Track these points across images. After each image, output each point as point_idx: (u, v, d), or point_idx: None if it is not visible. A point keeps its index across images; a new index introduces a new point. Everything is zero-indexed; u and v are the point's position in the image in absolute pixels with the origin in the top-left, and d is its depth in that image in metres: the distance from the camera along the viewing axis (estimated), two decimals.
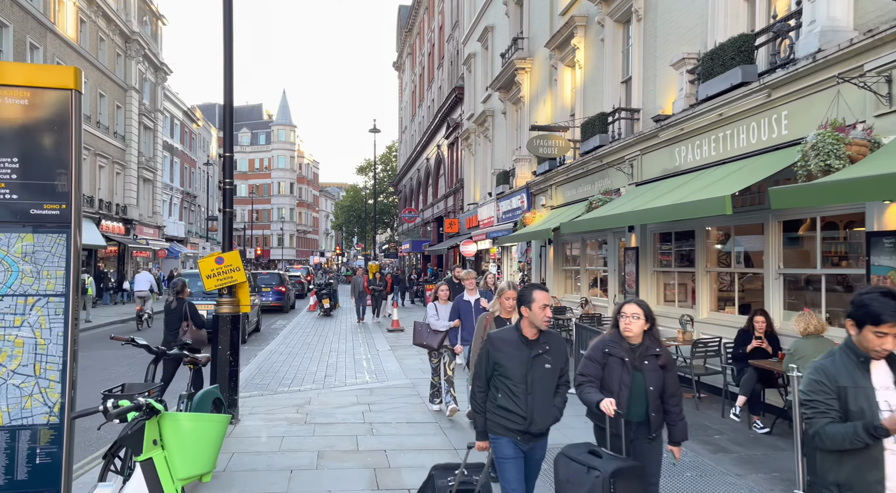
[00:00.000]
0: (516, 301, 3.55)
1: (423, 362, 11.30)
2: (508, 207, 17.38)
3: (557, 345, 3.51)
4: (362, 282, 18.88)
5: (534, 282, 10.65)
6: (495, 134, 21.07)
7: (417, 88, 42.73)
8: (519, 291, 3.59)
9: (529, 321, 3.38)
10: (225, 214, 6.74)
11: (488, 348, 3.43)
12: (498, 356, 3.37)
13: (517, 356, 3.35)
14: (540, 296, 3.39)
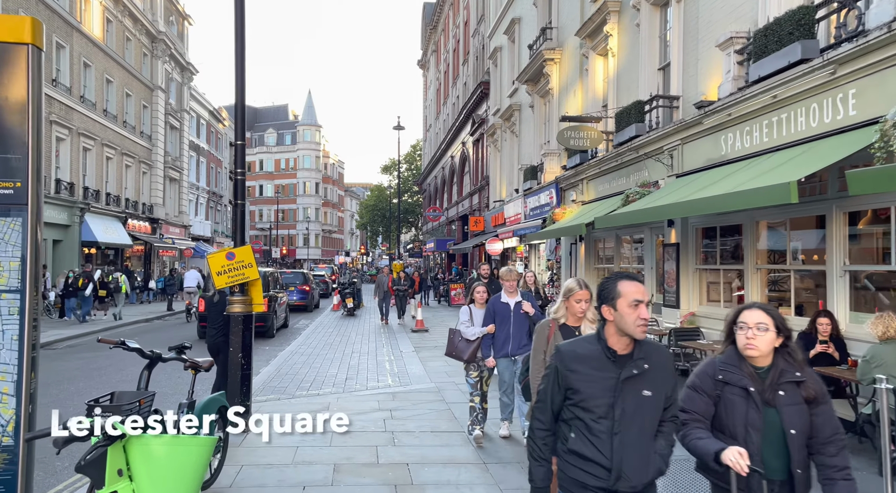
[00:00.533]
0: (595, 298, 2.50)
1: (448, 365, 10.76)
2: (536, 203, 16.74)
3: (661, 362, 2.42)
4: (386, 282, 18.27)
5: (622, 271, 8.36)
6: (522, 129, 20.43)
7: (442, 85, 42.24)
8: (599, 284, 2.49)
9: (617, 327, 2.35)
10: (237, 206, 6.29)
11: (557, 365, 2.40)
12: (571, 379, 2.35)
13: (600, 379, 2.32)
14: (630, 289, 2.35)
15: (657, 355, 2.41)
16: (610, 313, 2.34)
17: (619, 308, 2.32)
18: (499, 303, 5.84)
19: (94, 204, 25.13)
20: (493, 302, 5.89)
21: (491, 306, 5.89)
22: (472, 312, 6.17)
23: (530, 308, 5.72)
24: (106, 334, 16.94)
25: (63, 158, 23.03)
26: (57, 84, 22.28)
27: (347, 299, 21.72)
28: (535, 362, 3.82)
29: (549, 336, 3.77)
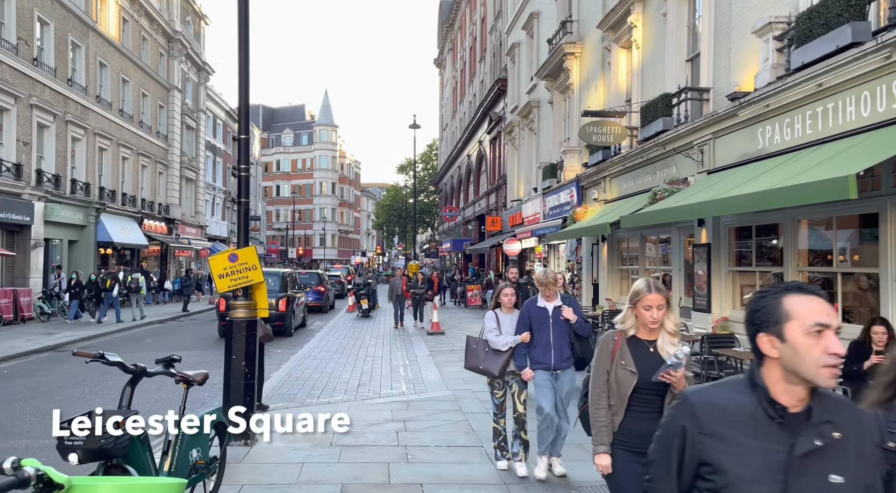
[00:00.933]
0: (747, 323, 1.58)
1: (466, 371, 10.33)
2: (556, 202, 16.23)
3: (858, 427, 1.51)
4: (400, 284, 17.38)
5: (791, 281, 6.89)
6: (541, 126, 19.91)
7: (458, 83, 41.80)
8: (751, 302, 1.58)
9: (786, 369, 1.48)
10: (240, 204, 5.91)
11: (684, 424, 1.54)
12: (711, 450, 1.49)
13: (759, 453, 1.46)
14: (807, 307, 1.48)
15: (851, 416, 1.51)
16: (773, 346, 1.48)
17: (791, 338, 1.45)
18: (535, 307, 4.99)
19: (110, 204, 25.09)
20: (529, 307, 5.05)
21: (526, 311, 5.05)
22: (498, 318, 5.26)
23: (572, 314, 4.86)
24: (121, 335, 16.76)
25: (79, 158, 22.98)
26: (72, 84, 22.23)
27: (362, 301, 21.37)
28: (597, 384, 2.98)
29: (615, 352, 2.95)
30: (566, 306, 4.90)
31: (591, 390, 2.99)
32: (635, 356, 2.85)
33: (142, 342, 15.10)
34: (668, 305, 2.86)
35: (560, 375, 4.95)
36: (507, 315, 5.25)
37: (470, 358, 5.48)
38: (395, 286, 17.46)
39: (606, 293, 12.87)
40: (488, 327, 5.27)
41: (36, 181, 19.73)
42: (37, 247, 19.33)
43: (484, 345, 5.27)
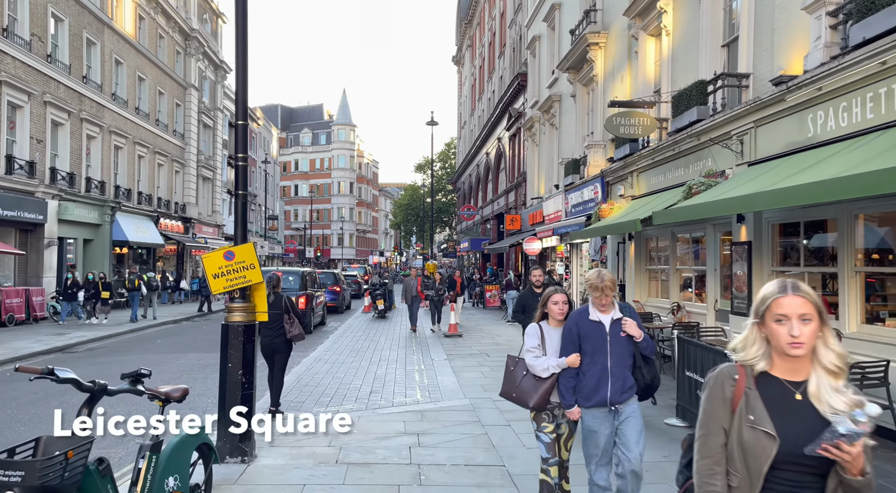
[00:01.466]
0: None
1: (485, 377, 9.75)
2: (579, 199, 15.53)
3: None
4: (415, 285, 16.39)
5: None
6: (562, 120, 19.21)
7: (477, 80, 41.16)
8: None
9: None
10: (237, 197, 5.37)
11: None
12: None
13: None
14: None
15: None
16: None
17: None
18: (586, 321, 3.76)
19: (126, 203, 24.93)
20: (577, 320, 3.80)
21: (574, 325, 3.79)
22: (543, 333, 4.02)
23: (636, 330, 3.69)
24: (133, 336, 16.45)
25: (94, 156, 22.81)
26: (87, 81, 22.05)
27: (378, 301, 20.89)
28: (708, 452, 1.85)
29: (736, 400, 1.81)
30: (628, 319, 3.72)
31: (698, 460, 1.86)
32: (772, 409, 1.76)
33: (152, 343, 14.74)
34: (821, 319, 1.76)
35: (621, 409, 3.73)
36: (557, 331, 3.97)
37: (505, 382, 4.27)
38: (409, 287, 16.47)
39: (633, 295, 12.16)
40: (530, 344, 4.04)
41: (50, 179, 19.55)
42: (50, 246, 19.14)
43: (522, 367, 4.08)
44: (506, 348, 13.10)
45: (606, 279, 3.77)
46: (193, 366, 11.21)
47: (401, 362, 11.37)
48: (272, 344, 7.26)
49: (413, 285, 16.37)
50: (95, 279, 17.87)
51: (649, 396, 3.91)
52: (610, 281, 3.78)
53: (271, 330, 7.17)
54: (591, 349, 3.72)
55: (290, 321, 7.26)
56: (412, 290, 16.22)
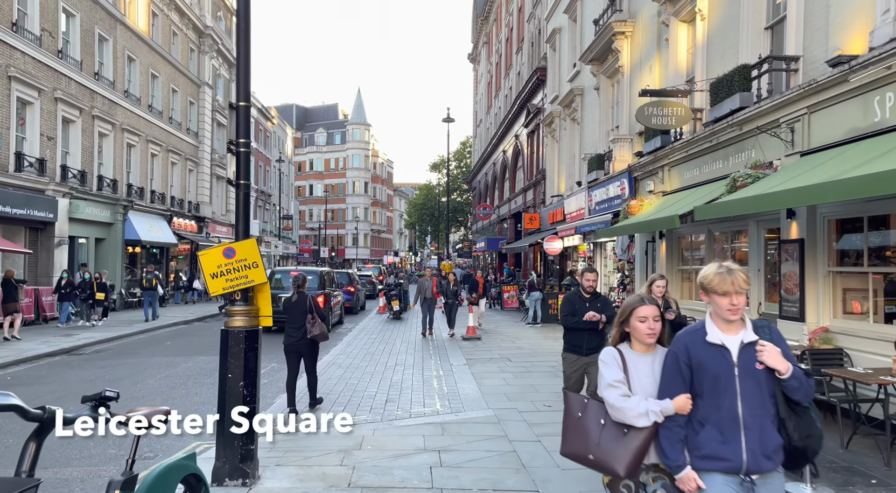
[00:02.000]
0: None
1: (508, 384, 9.11)
2: (604, 195, 14.81)
3: None
4: (430, 286, 15.32)
5: None
6: (585, 115, 18.48)
7: (493, 77, 40.49)
8: None
9: None
10: (239, 187, 4.79)
11: None
12: None
13: None
14: None
15: None
16: None
17: None
18: (699, 344, 2.52)
19: (138, 202, 24.62)
20: (687, 343, 2.55)
21: (683, 351, 2.55)
22: (625, 362, 2.71)
23: (781, 361, 2.41)
24: (142, 337, 16.04)
25: (106, 154, 22.51)
26: (99, 78, 21.74)
27: (393, 302, 20.33)
28: None
29: None
30: (766, 344, 2.44)
31: None
32: None
33: (160, 345, 14.27)
34: None
35: (760, 483, 2.46)
36: (645, 358, 2.70)
37: (572, 436, 2.78)
38: (424, 287, 15.41)
39: None
40: (608, 378, 2.67)
41: (61, 177, 19.23)
42: (61, 245, 18.81)
43: (598, 412, 2.71)
44: (528, 352, 12.44)
45: (739, 276, 2.48)
46: (201, 370, 10.69)
47: (417, 366, 10.76)
48: (297, 345, 7.22)
49: (428, 286, 15.36)
50: (91, 279, 17.22)
51: (803, 464, 2.62)
52: (743, 279, 2.49)
53: (296, 331, 7.16)
54: (711, 387, 2.48)
55: (313, 321, 7.16)
56: (427, 291, 15.27)
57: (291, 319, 7.28)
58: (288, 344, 7.28)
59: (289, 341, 7.27)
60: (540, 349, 12.76)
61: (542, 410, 7.56)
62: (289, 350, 7.31)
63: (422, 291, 15.36)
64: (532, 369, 10.43)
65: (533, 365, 10.88)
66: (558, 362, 11.65)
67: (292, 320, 7.27)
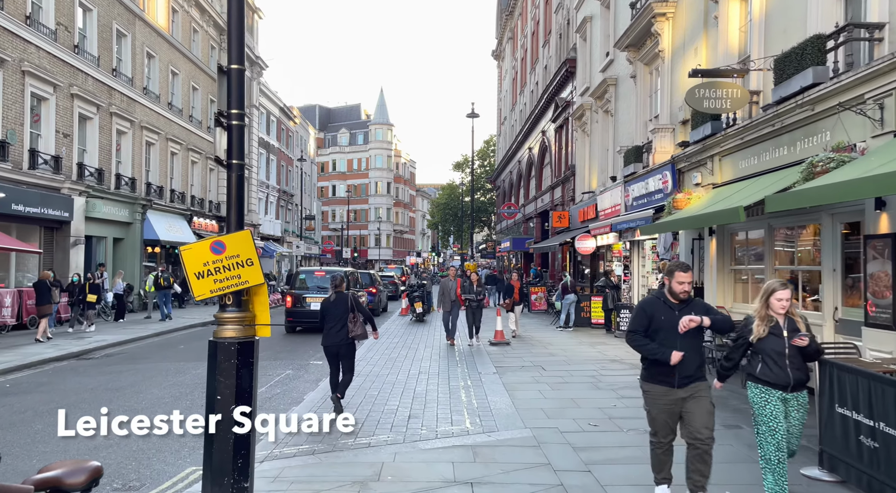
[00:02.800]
0: None
1: (545, 397, 8.15)
2: (643, 190, 13.75)
3: None
4: (454, 287, 13.61)
5: None
6: (619, 106, 17.40)
7: (519, 73, 39.46)
8: None
9: None
10: (231, 168, 3.95)
11: None
12: None
13: None
14: None
15: None
16: None
17: None
18: None
19: (157, 201, 24.19)
20: None
21: None
22: None
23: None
24: (157, 340, 15.45)
25: (124, 152, 22.09)
26: (118, 74, 21.31)
27: (416, 304, 19.49)
28: None
29: None
30: None
31: None
32: None
33: (173, 349, 13.62)
34: None
35: None
36: None
37: None
38: (448, 289, 13.56)
39: (715, 300, 10.34)
40: None
41: (77, 175, 18.80)
42: (77, 245, 18.36)
43: None
44: (562, 359, 11.45)
45: None
46: None
47: (443, 375, 9.85)
48: (336, 346, 7.19)
49: (451, 288, 13.60)
50: (80, 281, 16.13)
51: None
52: None
53: (336, 331, 7.13)
54: None
55: (354, 320, 7.12)
56: (451, 293, 13.52)
57: (330, 319, 7.22)
58: (328, 345, 7.24)
59: (329, 342, 7.22)
60: (575, 356, 11.76)
61: (587, 430, 6.59)
62: (329, 351, 7.29)
63: (445, 293, 13.62)
64: (569, 380, 9.46)
65: (570, 375, 9.90)
66: (597, 371, 10.69)
67: (331, 320, 7.21)
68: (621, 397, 8.15)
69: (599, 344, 13.63)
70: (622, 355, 12.00)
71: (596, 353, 12.28)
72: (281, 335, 16.12)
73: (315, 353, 12.90)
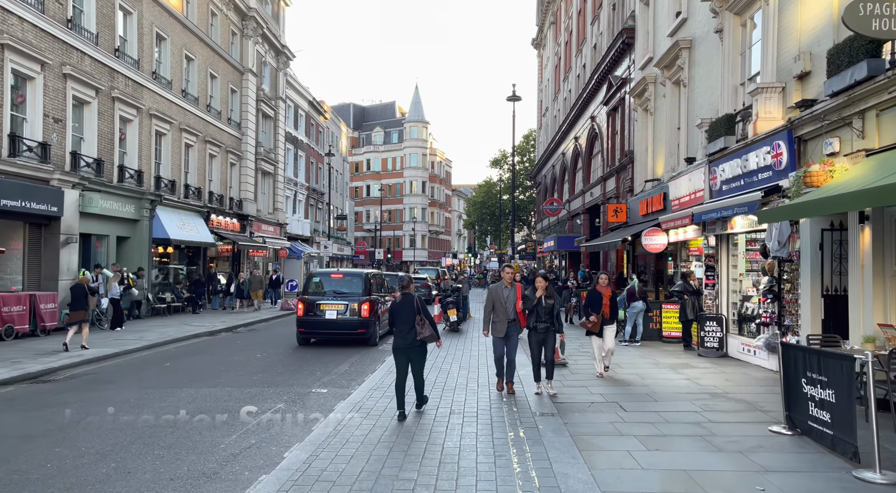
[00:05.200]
0: None
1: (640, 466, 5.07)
2: (740, 168, 10.72)
3: None
4: (513, 298, 8.29)
5: None
6: (695, 73, 14.34)
7: (562, 59, 36.39)
8: None
9: None
10: None
11: None
12: None
13: None
14: None
15: None
16: None
17: None
18: None
19: (169, 196, 22.15)
20: None
21: None
22: None
23: None
24: (149, 354, 13.16)
25: (130, 142, 20.08)
26: (122, 55, 19.30)
27: (450, 311, 16.78)
28: None
29: None
30: None
31: None
32: None
33: (154, 369, 11.18)
34: None
35: None
36: None
37: None
38: (501, 300, 8.28)
39: (871, 315, 7.29)
40: None
41: (71, 165, 16.77)
42: (68, 243, 16.30)
43: None
44: (643, 391, 8.42)
45: None
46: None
47: (484, 416, 7.09)
48: (407, 349, 7.15)
49: (510, 298, 8.31)
50: None
51: None
52: None
53: (405, 333, 7.12)
54: None
55: (421, 323, 7.13)
56: (507, 306, 8.26)
57: (399, 321, 7.19)
58: (399, 347, 7.18)
59: (399, 344, 7.19)
60: (660, 387, 8.82)
61: None
62: (399, 354, 7.19)
63: (497, 304, 8.31)
64: (666, 431, 6.57)
65: (663, 419, 7.01)
66: (699, 413, 7.14)
67: (400, 322, 7.18)
68: (764, 471, 5.25)
69: (683, 366, 10.65)
70: (724, 385, 9.00)
71: (685, 381, 9.32)
72: (292, 348, 13.66)
73: (324, 375, 10.32)
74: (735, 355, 11.34)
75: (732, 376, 9.68)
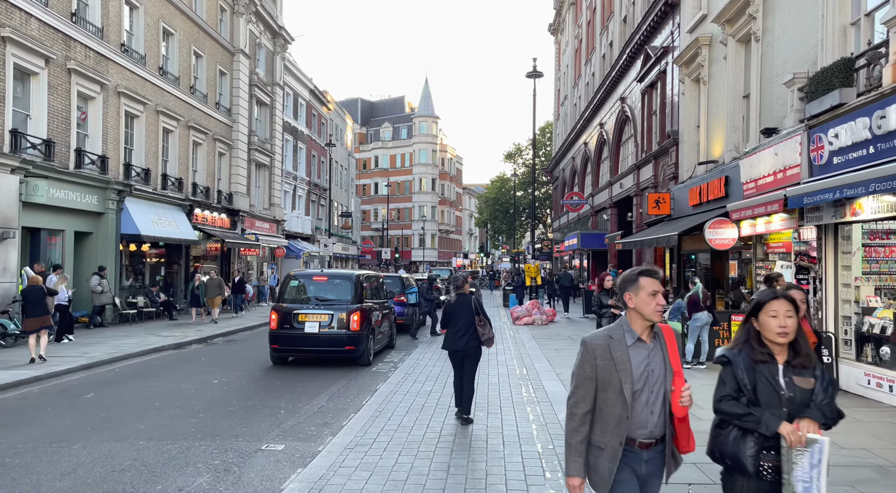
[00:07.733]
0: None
1: None
2: (868, 131, 7.73)
3: None
4: None
5: None
6: (776, 20, 11.34)
7: (584, 41, 33.42)
8: None
9: None
10: None
11: None
12: None
13: None
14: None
15: None
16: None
17: None
18: None
19: (142, 187, 19.47)
20: None
21: None
22: None
23: None
24: (79, 377, 10.39)
25: (92, 123, 17.41)
26: (79, 20, 16.62)
27: None
28: None
29: None
30: None
31: None
32: None
33: (74, 400, 8.34)
34: None
35: None
36: None
37: None
38: None
39: None
40: None
41: (11, 147, 14.09)
42: (5, 239, 13.61)
43: None
44: None
45: None
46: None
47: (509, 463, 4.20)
48: (464, 349, 6.80)
49: None
50: None
51: None
52: None
53: (461, 335, 6.84)
54: None
55: (482, 323, 6.81)
56: None
57: (453, 322, 6.87)
58: (453, 350, 6.84)
59: (454, 347, 6.83)
60: None
61: None
62: (455, 356, 6.88)
63: None
64: None
65: None
66: None
67: (454, 323, 6.86)
68: None
69: None
70: (873, 445, 5.94)
71: None
72: (262, 370, 10.85)
73: (289, 416, 7.42)
74: (853, 390, 8.35)
75: (877, 429, 6.64)
